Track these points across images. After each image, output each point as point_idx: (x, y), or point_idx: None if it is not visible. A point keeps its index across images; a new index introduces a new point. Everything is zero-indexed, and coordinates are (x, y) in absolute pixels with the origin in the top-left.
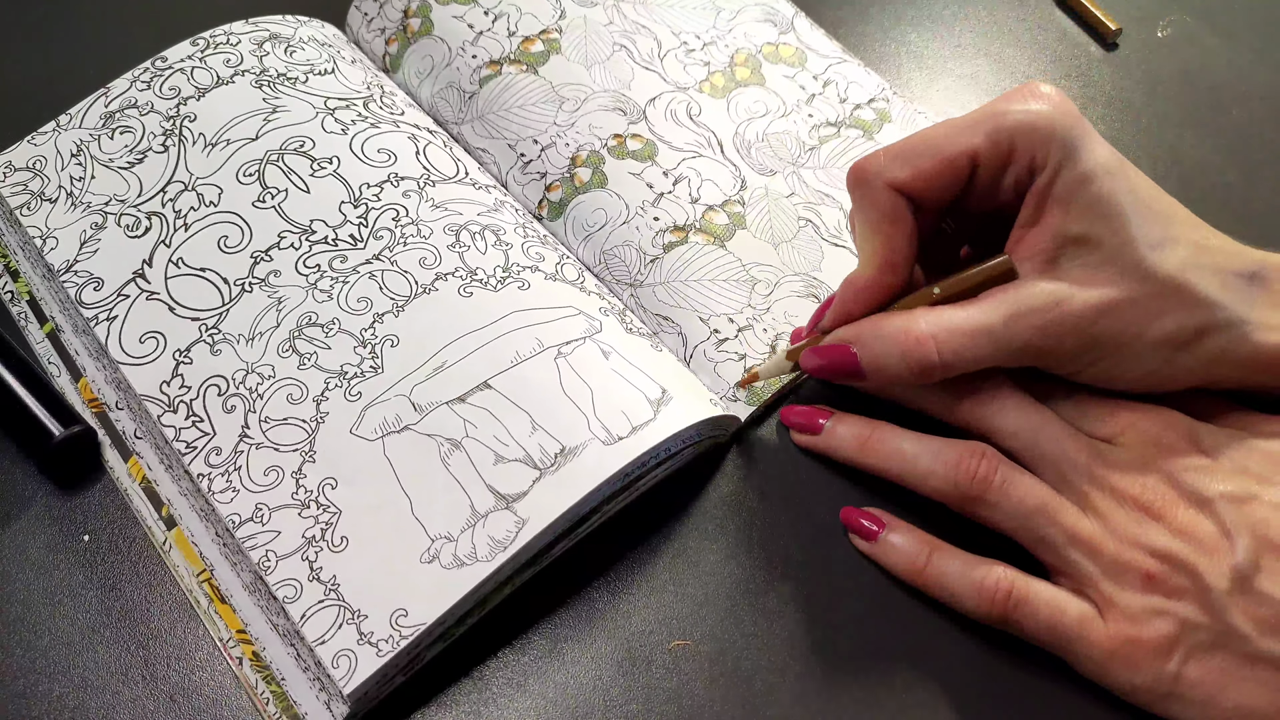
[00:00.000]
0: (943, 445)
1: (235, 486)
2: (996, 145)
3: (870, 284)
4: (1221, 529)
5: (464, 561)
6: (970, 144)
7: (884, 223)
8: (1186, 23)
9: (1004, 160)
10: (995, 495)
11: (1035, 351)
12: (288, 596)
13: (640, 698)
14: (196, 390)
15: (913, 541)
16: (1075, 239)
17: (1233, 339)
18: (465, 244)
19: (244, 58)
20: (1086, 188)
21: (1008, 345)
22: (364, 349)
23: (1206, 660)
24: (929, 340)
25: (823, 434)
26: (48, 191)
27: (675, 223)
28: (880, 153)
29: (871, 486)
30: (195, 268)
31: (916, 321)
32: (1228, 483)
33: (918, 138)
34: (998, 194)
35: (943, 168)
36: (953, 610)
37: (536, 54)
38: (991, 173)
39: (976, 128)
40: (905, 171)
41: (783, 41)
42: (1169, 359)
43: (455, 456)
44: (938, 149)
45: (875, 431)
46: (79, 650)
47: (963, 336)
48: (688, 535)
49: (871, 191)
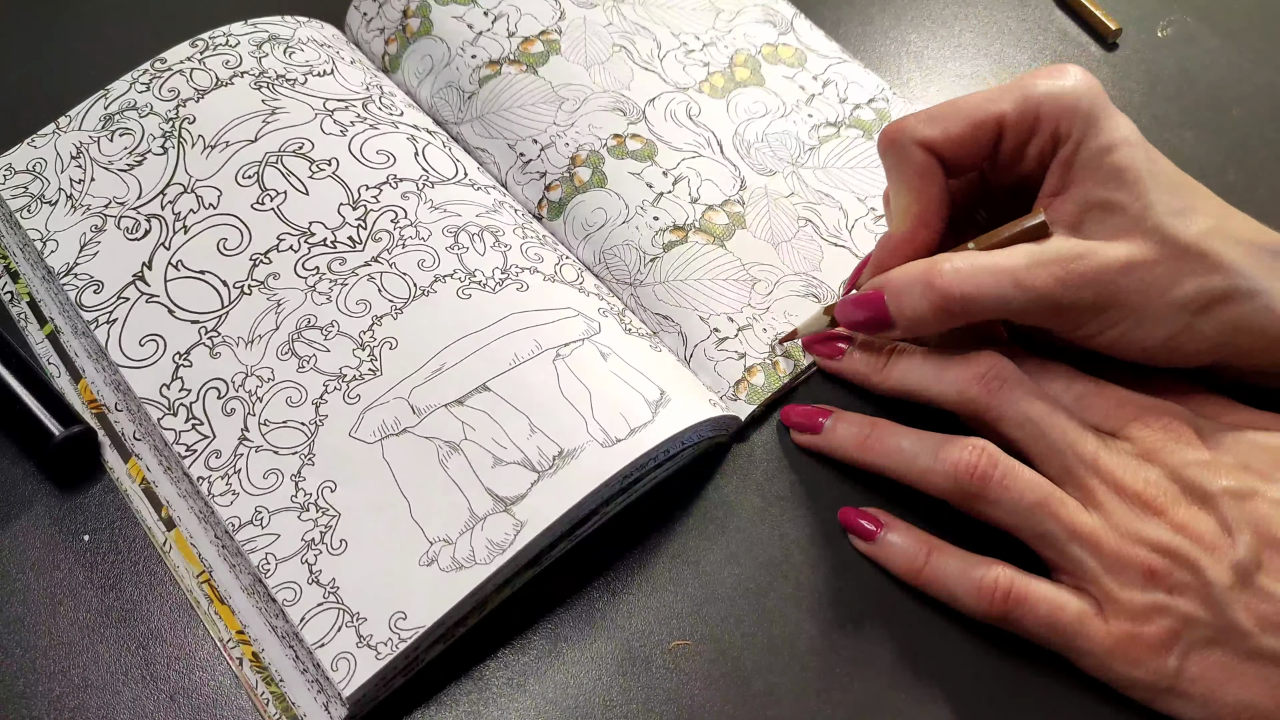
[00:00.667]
0: (942, 442)
1: (235, 489)
2: (1023, 114)
3: (905, 239)
4: (1223, 525)
5: (462, 564)
6: (998, 110)
7: (916, 179)
8: (1186, 23)
9: (1030, 129)
10: (995, 491)
11: (1054, 304)
12: (287, 599)
13: (640, 698)
14: (196, 393)
15: (911, 541)
16: (1099, 204)
17: (1256, 308)
18: (464, 245)
19: (243, 59)
20: (1110, 156)
21: (1028, 290)
22: (363, 351)
23: (1207, 656)
24: (950, 274)
25: (823, 433)
26: (48, 194)
27: (675, 222)
28: (911, 116)
29: (871, 486)
30: (195, 270)
31: (939, 261)
32: (1230, 479)
33: (948, 104)
34: (1022, 163)
35: (971, 131)
36: (953, 610)
37: (536, 54)
38: (1017, 141)
39: (1005, 96)
40: (935, 131)
41: (782, 42)
42: (1189, 324)
43: (454, 459)
44: (967, 113)
45: (874, 430)
46: (79, 650)
47: (984, 274)
48: (688, 535)
49: (903, 150)
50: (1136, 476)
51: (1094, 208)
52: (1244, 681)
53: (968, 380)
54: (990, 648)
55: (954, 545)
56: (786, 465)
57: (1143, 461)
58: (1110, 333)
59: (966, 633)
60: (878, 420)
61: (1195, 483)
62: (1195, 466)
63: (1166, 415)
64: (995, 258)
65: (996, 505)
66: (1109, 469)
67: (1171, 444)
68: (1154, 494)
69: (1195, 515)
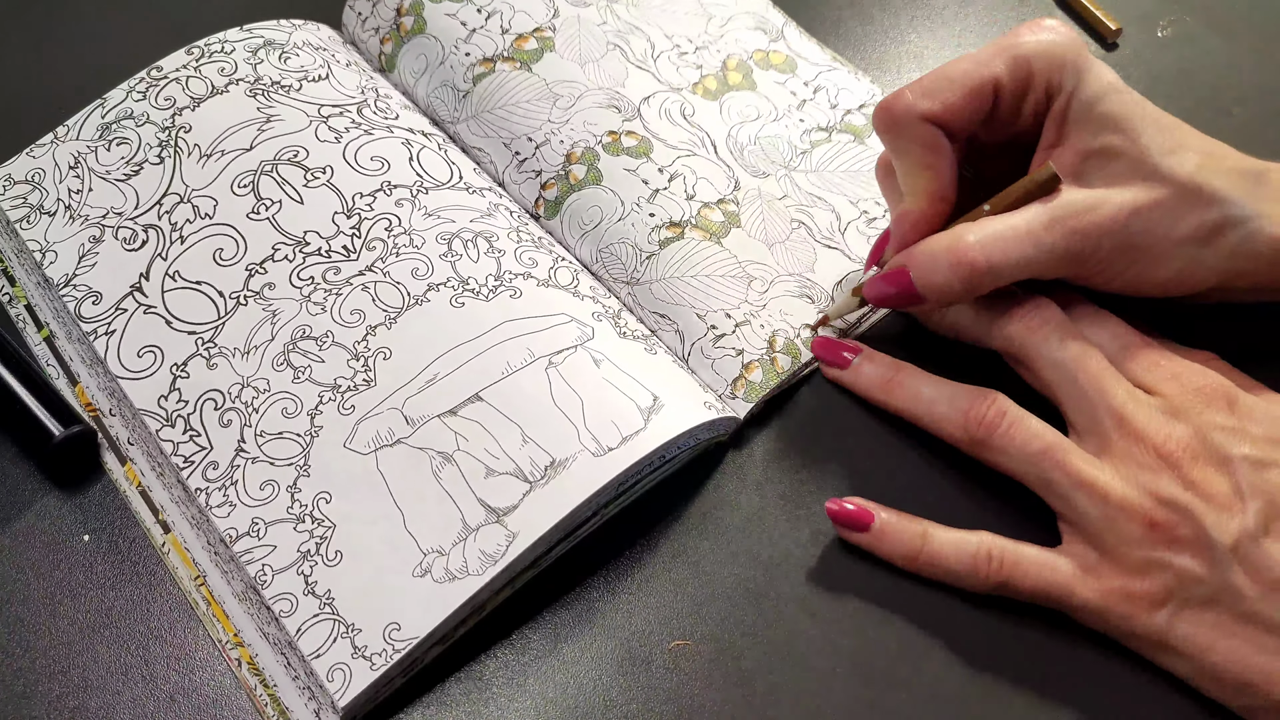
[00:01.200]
0: (958, 390)
1: (232, 501)
2: (1016, 73)
3: (921, 215)
4: (1236, 490)
5: (455, 575)
6: (993, 73)
7: (926, 154)
8: (1186, 23)
9: (1024, 87)
10: (1001, 439)
11: (1075, 256)
12: (284, 610)
13: (640, 698)
14: (194, 404)
15: (906, 525)
16: (1097, 152)
17: (1249, 232)
18: (457, 253)
19: (238, 66)
20: (1101, 104)
21: (1050, 249)
22: (357, 362)
23: (1200, 615)
24: (975, 246)
25: (849, 369)
26: (47, 204)
27: (671, 218)
28: (905, 90)
29: (870, 487)
30: (191, 281)
31: (961, 234)
32: (1253, 448)
33: (940, 73)
34: (1016, 121)
35: (970, 98)
36: (952, 610)
37: (530, 51)
38: (1012, 100)
39: (996, 58)
40: (935, 104)
41: (773, 49)
42: (1194, 257)
43: (447, 469)
44: (963, 81)
45: (899, 373)
46: (79, 650)
47: (1006, 241)
48: (687, 535)
49: (906, 128)
50: (1160, 430)
51: (1092, 155)
52: (1235, 643)
53: (1007, 320)
54: (990, 647)
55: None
56: (786, 465)
57: (1170, 418)
58: (1126, 274)
59: (966, 632)
60: (903, 364)
61: (1217, 446)
62: (1220, 431)
63: (1204, 379)
64: (1013, 221)
65: (1002, 453)
66: (1133, 419)
67: (1201, 405)
68: (1173, 449)
69: (1210, 475)
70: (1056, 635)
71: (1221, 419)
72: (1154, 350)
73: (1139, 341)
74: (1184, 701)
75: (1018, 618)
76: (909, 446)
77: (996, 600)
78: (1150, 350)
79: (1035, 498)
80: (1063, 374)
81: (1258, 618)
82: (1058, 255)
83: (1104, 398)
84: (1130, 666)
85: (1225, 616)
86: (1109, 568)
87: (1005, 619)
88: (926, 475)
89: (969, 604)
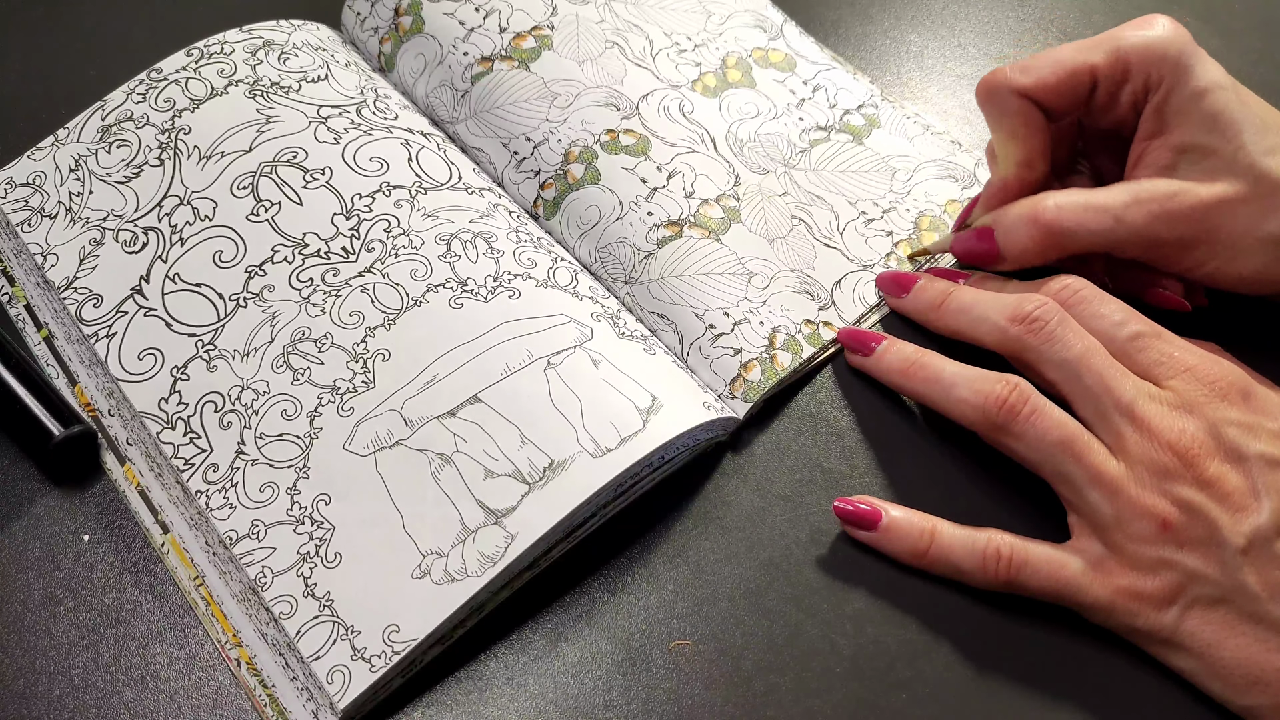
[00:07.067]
0: (979, 374)
1: (232, 503)
2: (1113, 64)
3: (1011, 181)
4: (1250, 488)
5: (454, 577)
6: (1089, 60)
7: (1019, 125)
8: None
9: (1121, 77)
10: (1020, 425)
11: (1152, 238)
12: (283, 613)
13: (640, 698)
14: (194, 407)
15: (915, 522)
16: (1192, 147)
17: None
18: (456, 253)
19: (237, 67)
20: (1202, 101)
21: (1128, 225)
22: (356, 364)
23: (1208, 614)
24: (1053, 210)
25: (872, 356)
26: (48, 207)
27: (669, 217)
28: (1007, 66)
29: (871, 487)
30: (191, 283)
31: (1044, 199)
32: (1268, 444)
33: (1042, 54)
34: (1116, 109)
35: (1064, 79)
36: (952, 609)
37: (528, 50)
38: (1110, 89)
39: (1096, 47)
40: (1030, 79)
41: (772, 47)
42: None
43: (446, 471)
44: (1059, 62)
45: (921, 358)
46: (79, 650)
47: (1087, 212)
48: (687, 535)
49: (1001, 99)
50: (1172, 426)
51: (1188, 150)
52: (1244, 641)
53: (1009, 320)
54: (990, 647)
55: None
56: (786, 464)
57: (1182, 413)
58: (1208, 265)
59: (966, 632)
60: (926, 351)
61: (1232, 442)
62: (1235, 426)
63: (1218, 372)
64: (1097, 195)
65: (1020, 440)
66: (1144, 415)
67: (1215, 400)
68: (1188, 444)
69: (1226, 473)
70: (1056, 635)
71: (1236, 414)
72: (1164, 342)
73: (1149, 332)
74: (1185, 701)
75: (1017, 617)
76: (909, 446)
77: (996, 599)
78: (1161, 342)
79: (1037, 497)
80: (1065, 373)
81: (1267, 618)
82: (1134, 233)
83: (1111, 395)
84: (1132, 667)
85: (1234, 615)
86: (1118, 565)
87: (1005, 618)
88: (927, 475)
89: (969, 604)
